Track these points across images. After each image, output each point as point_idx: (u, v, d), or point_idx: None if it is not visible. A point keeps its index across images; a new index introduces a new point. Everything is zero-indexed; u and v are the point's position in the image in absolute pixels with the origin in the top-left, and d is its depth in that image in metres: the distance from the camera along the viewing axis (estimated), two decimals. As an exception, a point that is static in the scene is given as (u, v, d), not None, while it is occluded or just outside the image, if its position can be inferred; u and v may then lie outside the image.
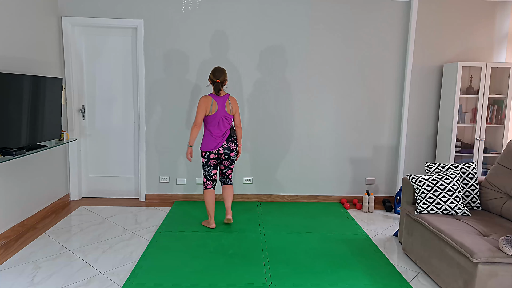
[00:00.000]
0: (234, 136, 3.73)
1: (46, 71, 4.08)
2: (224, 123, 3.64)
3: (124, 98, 4.58)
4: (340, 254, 3.27)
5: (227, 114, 3.63)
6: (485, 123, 4.33)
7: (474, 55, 4.59)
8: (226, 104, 3.63)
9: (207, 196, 3.76)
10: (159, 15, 4.39)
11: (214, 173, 3.77)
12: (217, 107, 3.58)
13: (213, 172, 3.76)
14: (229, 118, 3.66)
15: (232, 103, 3.66)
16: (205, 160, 3.71)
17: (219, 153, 3.68)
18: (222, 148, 3.66)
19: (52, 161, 4.24)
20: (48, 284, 2.72)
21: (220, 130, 3.64)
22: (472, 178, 3.23)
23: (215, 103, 3.58)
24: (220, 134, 3.64)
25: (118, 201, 4.64)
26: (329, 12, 4.45)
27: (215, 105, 3.58)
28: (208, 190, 3.77)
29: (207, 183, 3.78)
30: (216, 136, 3.64)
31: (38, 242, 3.41)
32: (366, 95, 4.60)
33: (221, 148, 3.66)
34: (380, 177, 4.76)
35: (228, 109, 3.63)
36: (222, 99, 3.61)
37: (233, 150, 3.72)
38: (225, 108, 3.62)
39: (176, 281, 2.77)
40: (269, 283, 2.78)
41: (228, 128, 3.68)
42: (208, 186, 3.79)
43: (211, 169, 3.75)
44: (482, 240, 2.50)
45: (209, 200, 3.76)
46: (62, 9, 4.34)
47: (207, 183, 3.78)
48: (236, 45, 4.46)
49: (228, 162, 3.76)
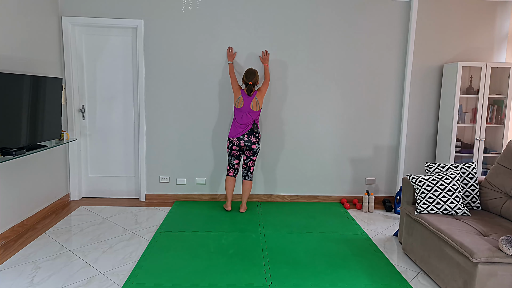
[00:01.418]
0: (256, 131, 4.16)
1: (46, 71, 4.08)
2: (248, 117, 4.10)
3: (124, 98, 4.58)
4: (340, 254, 3.27)
5: (252, 110, 4.08)
6: (485, 123, 4.33)
7: (474, 55, 4.59)
8: (252, 101, 4.06)
9: (226, 182, 4.29)
10: (159, 15, 4.39)
11: (236, 163, 4.27)
12: (243, 104, 4.07)
13: (235, 162, 4.26)
14: (253, 113, 4.09)
15: (258, 98, 4.08)
16: (228, 150, 4.24)
17: (240, 145, 4.14)
18: (243, 141, 4.12)
19: (52, 161, 4.24)
20: (47, 284, 2.72)
21: (244, 122, 4.11)
22: (472, 178, 3.23)
23: (241, 100, 4.07)
24: (243, 124, 4.12)
25: (118, 201, 4.64)
26: (329, 12, 4.45)
27: (241, 101, 4.07)
28: (229, 177, 4.29)
29: (229, 170, 4.30)
30: (240, 125, 4.13)
31: (38, 242, 3.41)
32: (366, 95, 4.60)
33: (242, 141, 4.12)
34: (380, 177, 4.76)
35: (254, 106, 4.07)
36: (249, 98, 4.07)
37: (254, 143, 4.15)
38: (251, 106, 4.06)
39: (176, 281, 2.77)
40: (269, 283, 2.78)
41: (251, 122, 4.12)
42: (230, 173, 4.29)
43: (233, 159, 4.25)
44: (482, 240, 2.50)
45: (228, 186, 4.28)
46: (62, 9, 4.34)
47: (229, 171, 4.30)
48: (236, 45, 4.46)
49: (250, 152, 4.19)
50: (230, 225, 3.90)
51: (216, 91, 4.52)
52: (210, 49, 4.46)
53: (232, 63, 4.33)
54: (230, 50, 4.39)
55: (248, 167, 4.26)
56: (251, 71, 4.08)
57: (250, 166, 4.25)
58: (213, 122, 4.58)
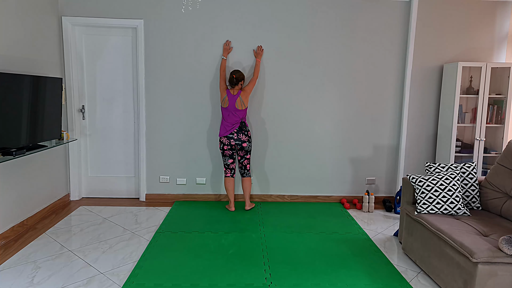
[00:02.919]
0: (245, 129, 4.18)
1: (46, 71, 4.08)
2: (235, 116, 4.14)
3: (124, 98, 4.58)
4: (340, 254, 3.27)
5: (237, 109, 4.12)
6: (485, 123, 4.33)
7: (474, 55, 4.59)
8: (237, 101, 4.11)
9: (225, 183, 4.31)
10: (159, 15, 4.39)
11: (230, 162, 4.27)
12: (228, 103, 4.11)
13: (229, 161, 4.26)
14: (239, 112, 4.13)
15: (242, 98, 4.12)
16: (221, 151, 4.26)
17: (231, 144, 4.18)
18: (234, 140, 4.15)
19: (52, 161, 4.24)
20: (48, 284, 2.72)
21: (230, 120, 4.15)
22: (472, 178, 3.23)
23: (226, 100, 4.12)
24: (230, 123, 4.16)
25: (118, 201, 4.64)
26: (329, 12, 4.45)
27: (226, 101, 4.12)
28: (227, 178, 4.30)
29: (226, 171, 4.31)
30: (228, 124, 4.17)
31: (38, 242, 3.41)
32: (366, 95, 4.60)
33: (233, 139, 4.15)
34: (380, 177, 4.76)
35: (239, 105, 4.11)
36: (234, 97, 4.11)
37: (244, 141, 4.18)
38: (236, 105, 4.11)
39: (176, 281, 2.77)
40: (269, 283, 2.78)
41: (238, 120, 4.15)
42: (227, 174, 4.31)
43: (227, 159, 4.26)
44: (482, 240, 2.50)
45: (228, 187, 4.30)
46: (62, 9, 4.34)
47: (226, 172, 4.31)
48: (236, 45, 4.46)
49: (242, 152, 4.23)
50: (230, 225, 3.90)
51: (216, 91, 4.52)
52: (210, 49, 4.46)
53: (225, 58, 4.33)
54: (227, 44, 4.39)
55: (244, 165, 4.29)
56: (237, 70, 4.15)
57: (246, 165, 4.29)
58: (213, 122, 4.58)
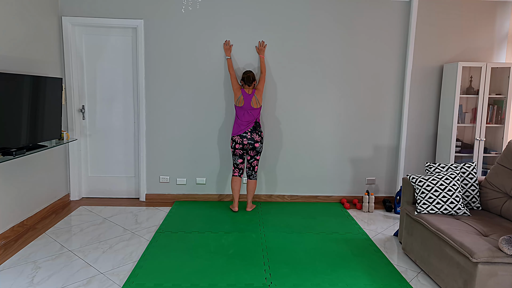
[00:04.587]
0: (259, 129, 4.19)
1: (46, 71, 4.08)
2: (250, 115, 4.15)
3: (124, 98, 4.58)
4: (340, 254, 3.27)
5: (252, 108, 4.13)
6: (485, 123, 4.33)
7: (474, 55, 4.59)
8: (252, 99, 4.12)
9: (232, 182, 4.29)
10: (159, 15, 4.39)
11: (240, 162, 4.26)
12: (244, 102, 4.12)
13: (239, 161, 4.25)
14: (254, 110, 4.14)
15: (257, 96, 4.14)
16: (232, 150, 4.25)
17: (243, 143, 4.16)
18: (247, 139, 4.15)
19: (52, 161, 4.24)
20: (48, 284, 2.72)
21: (246, 119, 4.15)
22: (472, 178, 3.23)
23: (242, 99, 4.12)
24: (246, 122, 4.15)
25: (118, 201, 4.64)
26: (329, 12, 4.45)
27: (241, 100, 4.12)
28: (234, 178, 4.29)
29: (234, 170, 4.30)
30: (243, 122, 4.16)
31: (38, 242, 3.41)
32: (366, 95, 4.60)
33: (246, 139, 4.15)
34: (380, 177, 4.76)
35: (254, 104, 4.12)
36: (249, 96, 4.12)
37: (257, 141, 4.18)
38: (251, 104, 4.12)
39: (176, 281, 2.77)
40: (269, 283, 2.78)
41: (253, 119, 4.16)
42: (235, 173, 4.29)
43: (237, 158, 4.25)
44: (482, 240, 2.50)
45: (234, 187, 4.28)
46: (62, 9, 4.34)
47: (234, 171, 4.30)
48: (235, 45, 4.46)
49: (253, 152, 4.22)
50: (230, 225, 3.90)
51: (216, 91, 4.52)
52: (210, 49, 4.46)
53: (230, 58, 4.33)
54: (227, 43, 4.40)
55: (253, 166, 4.27)
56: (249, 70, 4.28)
57: (254, 166, 4.27)
58: (213, 122, 4.58)
